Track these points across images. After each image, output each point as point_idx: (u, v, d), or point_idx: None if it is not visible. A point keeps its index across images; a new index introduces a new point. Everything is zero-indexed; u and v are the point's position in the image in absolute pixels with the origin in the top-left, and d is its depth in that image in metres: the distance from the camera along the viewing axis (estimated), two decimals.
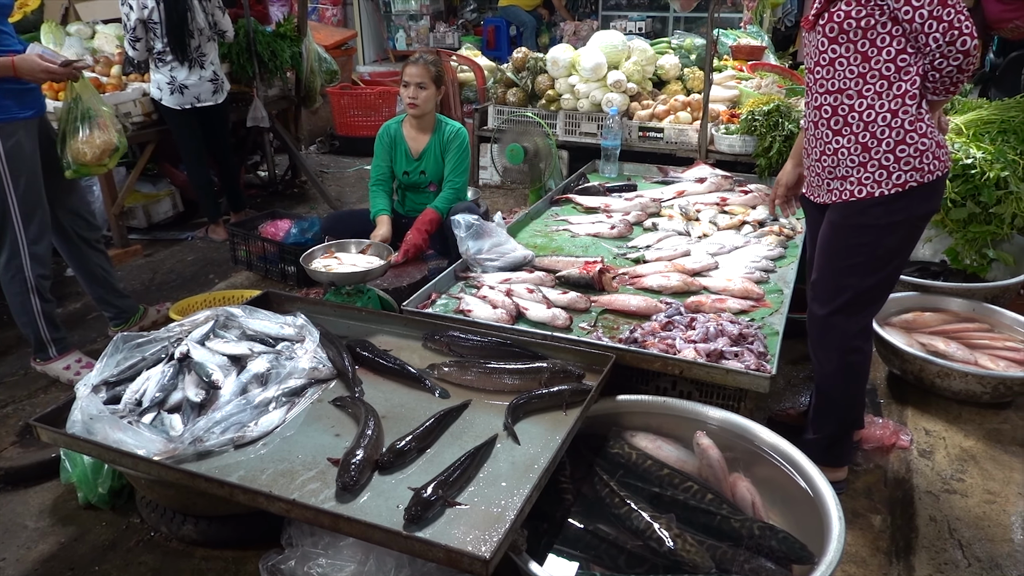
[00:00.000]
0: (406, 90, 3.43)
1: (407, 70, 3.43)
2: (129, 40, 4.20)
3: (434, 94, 3.47)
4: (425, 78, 3.41)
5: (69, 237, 3.08)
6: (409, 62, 3.45)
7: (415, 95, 3.42)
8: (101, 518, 2.30)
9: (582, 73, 4.67)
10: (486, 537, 1.64)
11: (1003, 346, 2.93)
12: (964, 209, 3.45)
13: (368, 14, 10.34)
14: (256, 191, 5.80)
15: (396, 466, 1.89)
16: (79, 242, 3.12)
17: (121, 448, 1.90)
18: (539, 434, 2.03)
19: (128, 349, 2.30)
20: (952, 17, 1.84)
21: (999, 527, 2.21)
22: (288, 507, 1.74)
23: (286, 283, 4.00)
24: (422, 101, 3.43)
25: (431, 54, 3.52)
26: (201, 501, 2.10)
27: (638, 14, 9.31)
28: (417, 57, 3.47)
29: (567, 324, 2.61)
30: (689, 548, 1.75)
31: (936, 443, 2.61)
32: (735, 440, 2.16)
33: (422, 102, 3.43)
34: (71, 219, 3.06)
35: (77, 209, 3.08)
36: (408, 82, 3.42)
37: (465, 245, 3.06)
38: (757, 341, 2.44)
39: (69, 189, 3.04)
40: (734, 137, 4.25)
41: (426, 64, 3.42)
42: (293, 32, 5.37)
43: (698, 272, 3.01)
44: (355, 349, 2.41)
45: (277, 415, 2.09)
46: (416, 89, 3.41)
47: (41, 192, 2.84)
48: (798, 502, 1.96)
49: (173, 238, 4.84)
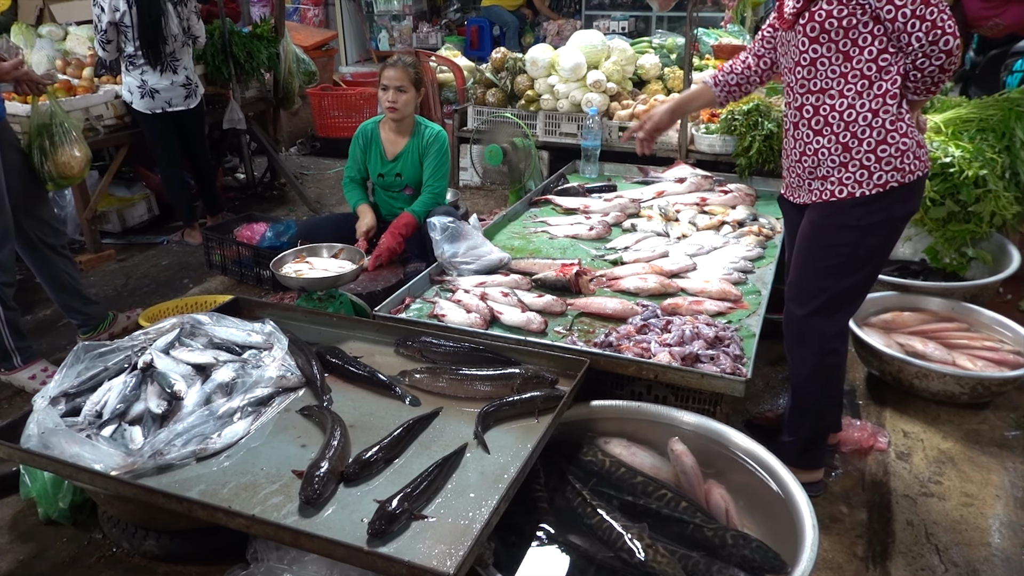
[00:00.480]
0: (385, 93, 3.37)
1: (385, 73, 3.36)
2: (99, 41, 4.12)
3: (414, 97, 3.41)
4: (404, 81, 3.35)
5: (33, 243, 3.01)
6: (387, 65, 3.38)
7: (394, 99, 3.36)
8: (62, 534, 2.24)
9: (561, 73, 4.64)
10: (452, 551, 1.60)
11: (981, 346, 2.92)
12: (943, 208, 3.43)
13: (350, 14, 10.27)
14: (234, 194, 5.73)
15: (362, 478, 1.85)
16: (44, 248, 3.04)
17: (78, 463, 1.85)
18: (510, 443, 1.98)
19: (90, 359, 2.24)
20: (935, 16, 1.82)
21: (976, 531, 2.18)
22: (248, 523, 1.69)
23: (261, 287, 3.94)
24: (401, 104, 3.37)
25: (409, 55, 3.47)
26: (163, 516, 2.04)
27: (621, 14, 9.29)
28: (395, 59, 3.40)
29: (542, 328, 2.57)
30: (661, 559, 1.72)
31: (914, 445, 2.59)
32: (710, 445, 2.13)
33: (401, 105, 3.38)
34: (35, 225, 2.99)
35: (41, 214, 3.01)
36: (387, 85, 3.35)
37: (440, 248, 3.02)
38: (733, 344, 2.40)
39: (32, 195, 2.97)
40: (714, 137, 4.23)
41: (405, 67, 3.36)
42: (270, 33, 5.30)
43: (676, 274, 2.97)
44: (325, 356, 2.36)
45: (242, 426, 2.04)
46: (395, 92, 3.35)
47: (2, 198, 2.77)
48: (773, 508, 1.93)
49: (148, 242, 4.77)
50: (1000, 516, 2.25)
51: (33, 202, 2.97)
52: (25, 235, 2.96)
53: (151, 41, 4.12)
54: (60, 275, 3.13)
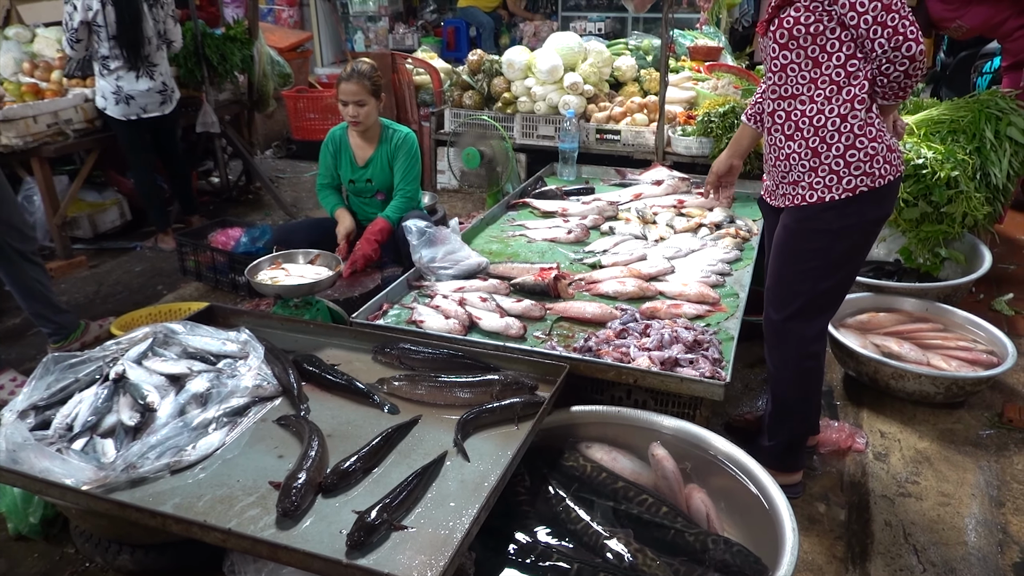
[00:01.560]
0: (345, 108, 3.29)
1: (342, 88, 3.26)
2: (68, 40, 4.04)
3: (375, 107, 3.34)
4: (362, 94, 3.26)
5: (4, 252, 2.94)
6: (342, 79, 3.26)
7: (355, 113, 3.28)
8: (33, 549, 2.19)
9: (538, 75, 4.63)
10: (432, 562, 1.58)
11: (956, 346, 2.96)
12: (916, 209, 3.48)
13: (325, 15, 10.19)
14: (208, 198, 5.66)
15: (340, 488, 1.82)
16: (12, 255, 2.97)
17: (48, 478, 1.80)
18: (490, 450, 1.97)
19: (60, 370, 2.18)
20: (897, 23, 1.83)
21: (953, 530, 2.21)
22: (224, 537, 1.66)
23: (237, 294, 3.89)
24: (363, 117, 3.31)
25: (366, 65, 3.32)
26: (136, 530, 2.00)
27: (597, 15, 9.31)
28: (350, 72, 3.26)
29: (521, 333, 2.56)
30: (650, 563, 1.71)
31: (891, 445, 2.61)
32: (690, 449, 2.13)
33: (364, 118, 3.31)
34: (3, 230, 2.92)
35: (9, 219, 2.94)
36: (346, 101, 3.27)
37: (418, 253, 2.99)
38: (712, 347, 2.41)
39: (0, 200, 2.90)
40: (691, 139, 4.25)
41: (360, 80, 3.24)
42: (244, 35, 5.24)
43: (654, 277, 2.98)
44: (302, 364, 2.33)
45: (217, 437, 2.00)
46: (355, 107, 3.27)
47: None
48: (753, 511, 1.93)
49: (120, 248, 4.68)
50: (976, 515, 2.27)
51: (4, 206, 2.90)
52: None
53: (131, 43, 4.05)
54: (30, 282, 3.06)
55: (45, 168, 4.19)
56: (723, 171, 2.59)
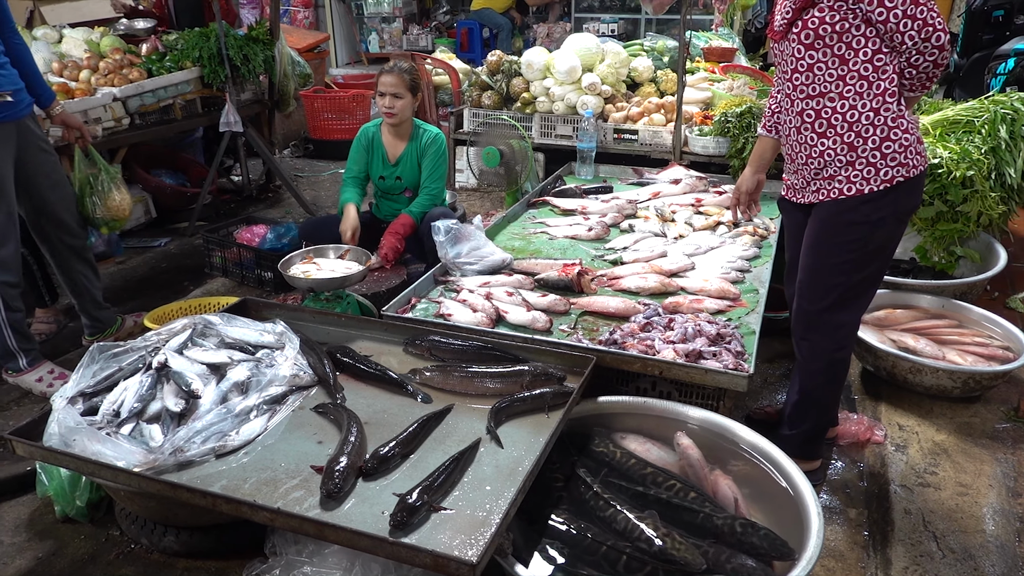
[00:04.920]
0: (382, 99, 3.40)
1: (382, 79, 3.39)
2: None
3: (410, 102, 3.45)
4: (400, 87, 3.38)
5: (54, 245, 3.04)
6: (384, 71, 3.41)
7: (391, 105, 3.40)
8: (79, 531, 2.26)
9: (557, 76, 4.70)
10: (472, 541, 1.65)
11: (972, 341, 3.00)
12: (932, 208, 3.53)
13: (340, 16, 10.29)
14: (229, 196, 5.74)
15: (380, 472, 1.89)
16: (64, 250, 3.07)
17: (100, 460, 1.88)
18: (522, 437, 2.04)
19: (104, 359, 2.26)
20: (925, 14, 1.90)
21: (972, 519, 2.26)
22: (272, 516, 1.73)
23: (262, 289, 3.97)
24: (398, 110, 3.41)
25: (405, 61, 3.48)
26: (182, 512, 2.08)
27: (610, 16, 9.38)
28: (392, 66, 3.42)
29: (547, 327, 2.62)
30: (679, 546, 1.77)
31: (909, 437, 2.67)
32: (716, 439, 2.19)
33: (399, 111, 3.42)
34: (53, 227, 3.01)
35: (60, 216, 3.03)
36: (383, 92, 3.39)
37: (444, 249, 3.06)
38: (735, 341, 2.47)
39: (53, 197, 2.98)
40: (708, 139, 4.30)
41: (401, 73, 3.39)
42: (266, 36, 5.32)
43: (675, 273, 3.04)
44: (336, 355, 2.40)
45: (258, 423, 2.08)
46: (392, 99, 3.39)
47: (7, 195, 2.77)
48: (777, 499, 1.99)
49: (145, 245, 4.77)
50: (993, 504, 2.33)
51: (56, 203, 2.99)
52: (47, 238, 2.98)
53: None
54: (77, 277, 3.16)
55: None
56: (751, 188, 2.63)
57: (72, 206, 3.13)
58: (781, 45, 2.15)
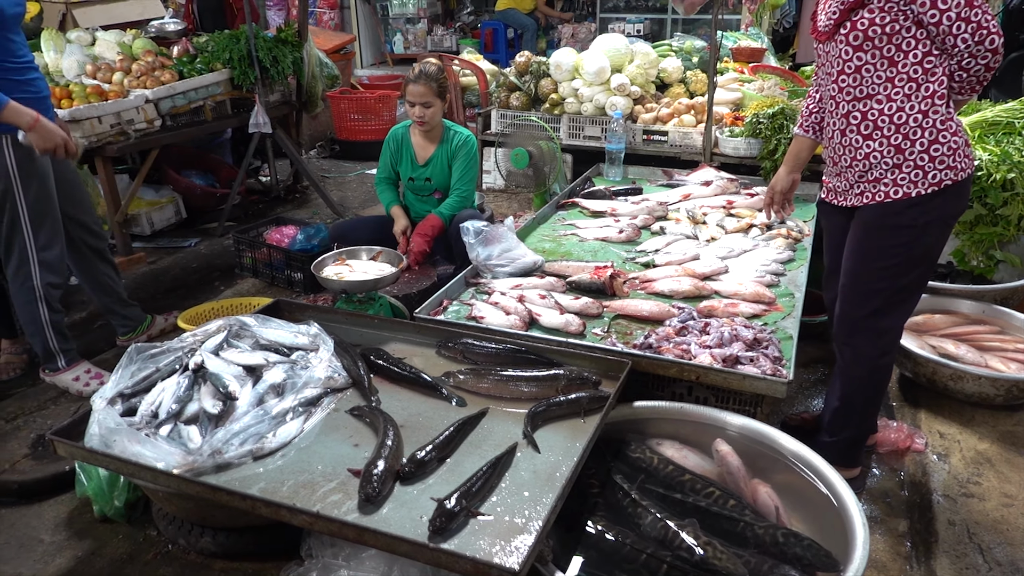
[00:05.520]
0: (411, 109, 3.39)
1: (410, 90, 3.35)
2: None
3: (440, 108, 3.43)
4: (429, 95, 3.34)
5: (77, 247, 3.07)
6: (410, 81, 3.35)
7: (422, 114, 3.38)
8: (117, 531, 2.28)
9: (585, 77, 4.67)
10: (511, 548, 1.63)
11: (1014, 348, 2.94)
12: (971, 211, 3.45)
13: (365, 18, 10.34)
14: (257, 197, 5.79)
15: (417, 476, 1.88)
16: (87, 251, 3.10)
17: (140, 461, 1.89)
18: (559, 442, 2.02)
19: (142, 360, 2.28)
20: (979, 17, 1.86)
21: (1018, 531, 2.21)
22: (311, 520, 1.73)
23: (292, 290, 3.98)
24: (429, 118, 3.40)
25: (432, 66, 3.41)
26: (219, 513, 2.09)
27: (636, 16, 9.33)
28: (418, 74, 3.35)
29: (580, 330, 2.60)
30: (721, 556, 1.75)
31: (951, 446, 2.61)
32: (755, 446, 2.16)
33: (430, 119, 3.40)
34: (77, 229, 3.04)
35: (82, 218, 3.06)
36: (413, 102, 3.36)
37: (475, 251, 3.05)
38: (772, 346, 2.43)
39: (74, 198, 3.02)
40: (738, 140, 4.25)
41: (428, 81, 3.33)
42: (294, 37, 5.35)
43: (708, 276, 3.00)
44: (369, 357, 2.40)
45: (295, 425, 2.08)
46: (422, 108, 3.37)
47: (52, 198, 2.82)
48: (819, 508, 1.95)
49: (175, 245, 4.82)
50: None
51: (76, 205, 3.02)
52: (69, 238, 3.01)
53: None
54: (101, 278, 3.18)
55: (108, 167, 4.33)
56: (786, 187, 2.61)
57: (91, 207, 3.17)
58: (826, 46, 2.11)
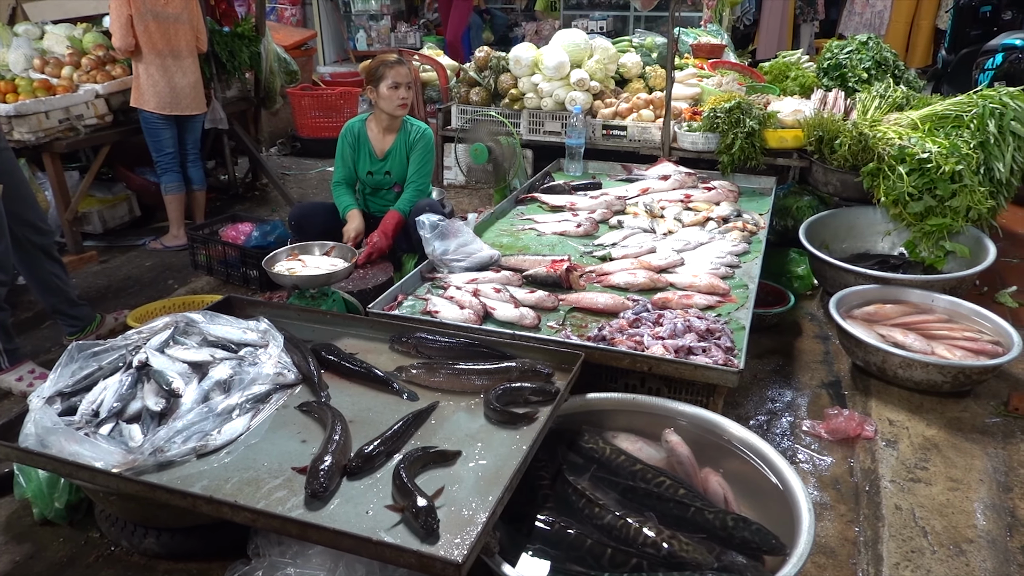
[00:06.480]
0: (396, 91, 3.39)
1: (396, 71, 3.39)
2: None
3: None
4: (411, 78, 3.45)
5: (22, 245, 2.98)
6: (394, 64, 3.41)
7: (406, 95, 3.43)
8: (58, 534, 2.22)
9: (545, 72, 4.67)
10: (458, 541, 1.62)
11: (961, 336, 2.99)
12: (921, 203, 3.52)
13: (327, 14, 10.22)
14: (215, 194, 5.68)
15: (365, 471, 1.85)
16: (33, 250, 3.01)
17: (78, 461, 1.83)
18: (509, 435, 2.00)
19: (83, 358, 2.21)
20: None
21: (963, 514, 2.25)
22: (254, 517, 1.69)
23: (248, 287, 3.92)
24: (410, 101, 3.46)
25: (391, 56, 3.52)
26: (163, 513, 2.04)
27: (599, 13, 9.35)
28: (397, 58, 3.45)
29: (535, 323, 2.60)
30: (687, 547, 1.75)
31: (900, 432, 2.66)
32: (706, 435, 2.17)
33: (410, 101, 3.46)
34: (22, 227, 2.95)
35: (27, 216, 2.97)
36: (398, 83, 3.39)
37: (431, 246, 3.03)
38: (724, 336, 2.45)
39: (18, 195, 2.93)
40: (697, 134, 4.29)
41: (407, 65, 3.45)
42: (251, 32, 5.27)
43: (664, 269, 3.02)
44: (320, 353, 2.37)
45: (241, 422, 2.04)
46: (406, 89, 3.42)
47: None
48: (768, 495, 1.97)
49: (129, 244, 4.71)
50: (984, 499, 2.32)
51: (20, 203, 2.93)
52: (13, 236, 2.92)
53: None
54: (48, 277, 3.09)
55: (57, 163, 4.22)
56: None
57: (36, 204, 3.08)
58: None
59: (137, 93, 4.29)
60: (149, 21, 4.17)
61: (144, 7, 4.14)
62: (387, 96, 3.39)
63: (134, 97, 4.30)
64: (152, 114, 4.30)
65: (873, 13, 9.03)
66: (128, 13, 4.11)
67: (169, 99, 4.31)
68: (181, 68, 4.35)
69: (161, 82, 4.26)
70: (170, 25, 4.26)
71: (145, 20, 4.16)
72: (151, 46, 4.21)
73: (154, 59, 4.22)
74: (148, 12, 4.16)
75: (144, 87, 4.26)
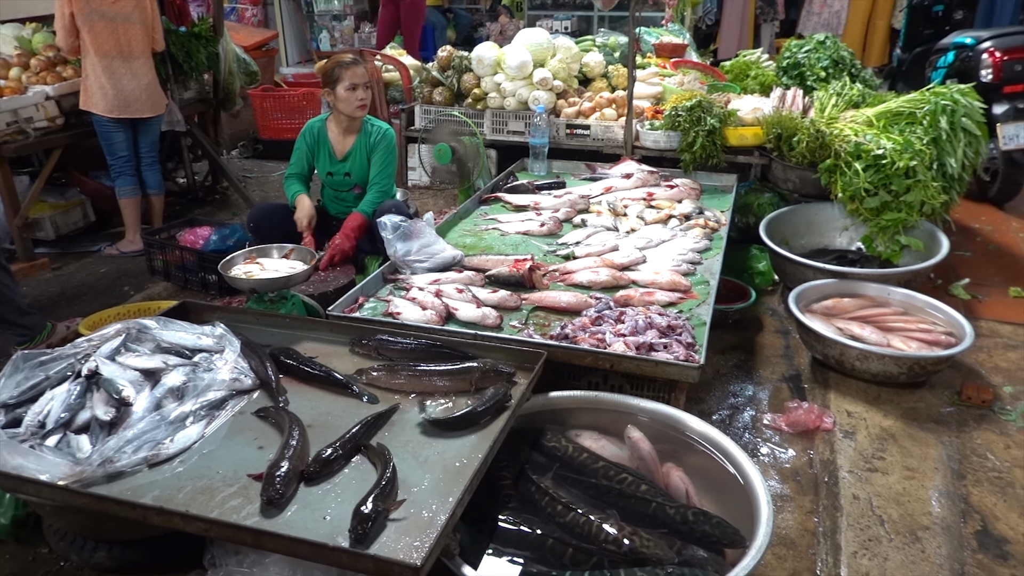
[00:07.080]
0: (353, 93, 3.35)
1: (354, 71, 3.34)
2: None
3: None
4: (368, 78, 3.41)
5: None
6: (351, 64, 3.36)
7: (364, 96, 3.39)
8: (4, 550, 2.14)
9: (508, 71, 4.66)
10: (417, 544, 1.60)
11: (916, 328, 3.05)
12: (877, 198, 3.58)
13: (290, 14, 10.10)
14: (174, 198, 5.57)
15: (323, 476, 1.82)
16: None
17: (21, 474, 1.77)
18: (468, 435, 1.98)
19: (29, 368, 2.14)
20: None
21: (918, 502, 2.29)
22: (207, 526, 1.65)
23: (207, 293, 3.84)
24: (369, 101, 3.42)
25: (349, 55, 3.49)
26: (113, 525, 1.98)
27: (564, 13, 9.37)
28: (353, 59, 3.41)
29: (498, 323, 2.58)
30: (648, 543, 1.74)
31: (858, 424, 2.69)
32: (667, 431, 2.18)
33: (369, 102, 3.42)
34: None
35: None
36: (356, 84, 3.35)
37: (393, 247, 3.00)
38: (685, 332, 2.46)
39: None
40: (659, 133, 4.31)
41: (365, 65, 3.41)
42: (208, 32, 5.18)
43: (627, 266, 3.03)
44: (279, 357, 2.32)
45: (195, 430, 1.99)
46: (363, 90, 3.37)
47: None
48: (728, 488, 1.98)
49: (84, 250, 4.59)
50: (939, 487, 2.36)
51: None
52: None
53: None
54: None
55: (5, 168, 4.10)
56: None
57: None
58: None
59: (85, 95, 4.18)
60: (95, 21, 4.06)
61: (88, 7, 4.02)
62: (345, 98, 3.34)
63: (83, 100, 4.19)
64: (103, 117, 4.19)
65: (831, 13, 9.19)
66: (69, 11, 3.99)
67: (117, 102, 4.19)
68: (131, 70, 4.24)
69: (108, 84, 4.15)
70: (118, 26, 4.15)
71: (90, 20, 4.05)
72: (97, 47, 4.09)
73: (100, 60, 4.11)
74: (93, 12, 4.04)
75: (92, 89, 4.15)
